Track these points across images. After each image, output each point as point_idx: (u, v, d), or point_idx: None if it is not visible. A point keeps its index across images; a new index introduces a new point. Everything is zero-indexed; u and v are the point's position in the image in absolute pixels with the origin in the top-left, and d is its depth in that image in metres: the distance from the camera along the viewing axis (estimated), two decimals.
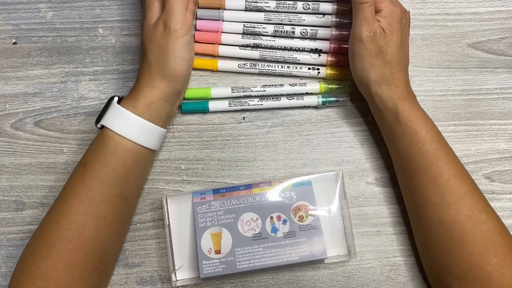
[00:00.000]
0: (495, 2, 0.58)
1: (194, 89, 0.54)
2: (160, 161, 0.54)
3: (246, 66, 0.55)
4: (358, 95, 0.55)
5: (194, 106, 0.54)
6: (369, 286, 0.53)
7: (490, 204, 0.48)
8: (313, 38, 0.55)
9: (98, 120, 0.48)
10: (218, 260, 0.48)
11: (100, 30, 0.56)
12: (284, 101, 0.54)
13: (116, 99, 0.48)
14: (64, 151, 0.54)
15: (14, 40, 0.56)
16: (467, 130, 0.56)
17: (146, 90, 0.47)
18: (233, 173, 0.54)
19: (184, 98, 0.54)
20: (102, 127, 0.47)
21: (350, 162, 0.55)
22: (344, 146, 0.55)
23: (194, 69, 0.55)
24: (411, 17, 0.57)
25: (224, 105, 0.54)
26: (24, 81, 0.55)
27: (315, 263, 0.52)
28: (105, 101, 0.55)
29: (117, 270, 0.52)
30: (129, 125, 0.46)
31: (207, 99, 0.55)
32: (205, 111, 0.54)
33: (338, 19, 0.54)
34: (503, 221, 0.54)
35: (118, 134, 0.46)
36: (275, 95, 0.55)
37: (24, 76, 0.55)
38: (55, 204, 0.47)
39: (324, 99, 0.54)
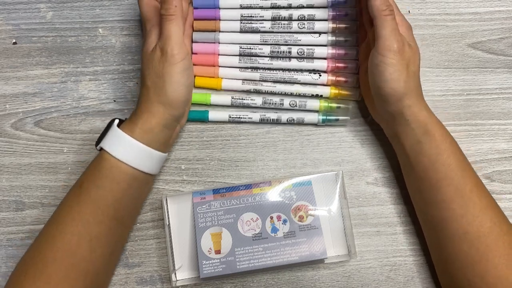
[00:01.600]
0: (495, 2, 0.58)
1: (194, 94, 0.54)
2: None
3: (250, 85, 0.55)
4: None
5: (194, 115, 0.54)
6: (369, 286, 0.53)
7: None
8: (310, 57, 0.54)
9: (98, 142, 0.48)
10: (218, 260, 0.48)
11: (100, 30, 0.56)
12: (284, 117, 0.54)
13: (116, 121, 0.48)
14: (64, 151, 0.54)
15: (14, 40, 0.56)
16: (467, 130, 0.56)
17: (144, 116, 0.47)
18: (233, 173, 0.55)
19: None
20: (101, 149, 0.47)
21: (350, 162, 0.55)
22: (344, 146, 0.55)
23: (198, 87, 0.55)
24: (411, 17, 0.57)
25: (224, 116, 0.54)
26: (24, 81, 0.55)
27: (315, 263, 0.52)
28: (105, 101, 0.55)
29: (117, 270, 0.52)
30: (125, 148, 0.46)
31: (207, 105, 0.55)
32: (204, 120, 0.54)
33: (334, 38, 0.54)
34: None
35: (114, 157, 0.46)
36: (276, 109, 0.55)
37: (24, 76, 0.55)
38: (50, 223, 0.47)
39: (325, 117, 0.54)
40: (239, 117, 0.54)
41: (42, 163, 0.54)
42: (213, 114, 0.54)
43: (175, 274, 0.50)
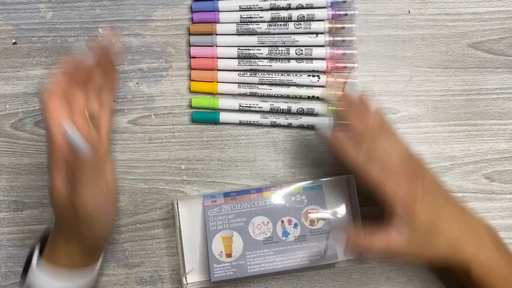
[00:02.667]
0: (495, 2, 0.58)
1: (203, 98, 0.54)
2: (160, 161, 0.54)
3: (246, 88, 0.54)
4: None
5: (205, 117, 0.54)
6: (369, 286, 0.53)
7: (490, 204, 0.48)
8: (309, 58, 0.54)
9: (23, 273, 0.44)
10: (229, 264, 0.48)
11: (100, 30, 0.56)
12: (295, 123, 0.54)
13: (35, 259, 0.43)
14: None
15: (14, 40, 0.56)
16: (467, 130, 0.56)
17: (63, 251, 0.43)
18: (233, 173, 0.55)
19: (192, 107, 0.54)
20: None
21: None
22: None
23: (194, 92, 0.55)
24: (411, 17, 0.57)
25: (234, 118, 0.54)
26: (24, 81, 0.55)
27: (326, 267, 0.51)
28: None
29: (117, 270, 0.52)
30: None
31: (215, 109, 0.55)
32: (215, 122, 0.54)
33: (331, 38, 0.54)
34: (503, 221, 0.54)
35: None
36: (284, 113, 0.55)
37: (24, 76, 0.55)
38: None
39: (335, 122, 0.54)
40: (250, 122, 0.54)
41: (42, 163, 0.54)
42: (223, 117, 0.54)
43: (185, 277, 0.50)
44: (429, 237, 0.44)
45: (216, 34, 0.55)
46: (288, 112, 0.54)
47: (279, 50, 0.54)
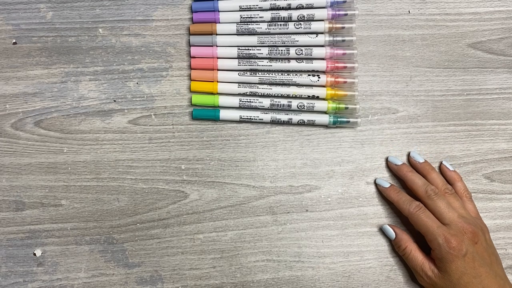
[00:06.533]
0: (495, 2, 0.58)
1: (202, 96, 0.54)
2: (160, 161, 0.54)
3: (246, 87, 0.54)
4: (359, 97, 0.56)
5: (205, 114, 0.54)
6: (369, 286, 0.53)
7: (490, 204, 0.48)
8: (309, 58, 0.54)
9: None
10: None
11: (100, 30, 0.56)
12: (295, 119, 0.54)
13: None
14: (64, 151, 0.54)
15: (14, 40, 0.56)
16: (467, 130, 0.56)
17: None
18: (233, 173, 0.55)
19: (192, 104, 0.54)
20: None
21: (350, 162, 0.55)
22: (344, 146, 0.55)
23: (195, 92, 0.55)
24: (411, 17, 0.57)
25: (235, 115, 0.54)
26: (24, 81, 0.55)
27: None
28: (105, 101, 0.55)
29: (117, 270, 0.53)
30: None
31: (215, 107, 0.55)
32: (215, 119, 0.54)
33: (331, 38, 0.54)
34: (503, 221, 0.54)
35: None
36: (285, 110, 0.55)
37: (24, 76, 0.56)
38: None
39: (336, 120, 0.54)
40: (250, 118, 0.54)
41: (42, 163, 0.54)
42: (224, 114, 0.54)
43: None
44: None
45: (216, 34, 0.55)
46: (288, 108, 0.54)
47: (279, 50, 0.54)
